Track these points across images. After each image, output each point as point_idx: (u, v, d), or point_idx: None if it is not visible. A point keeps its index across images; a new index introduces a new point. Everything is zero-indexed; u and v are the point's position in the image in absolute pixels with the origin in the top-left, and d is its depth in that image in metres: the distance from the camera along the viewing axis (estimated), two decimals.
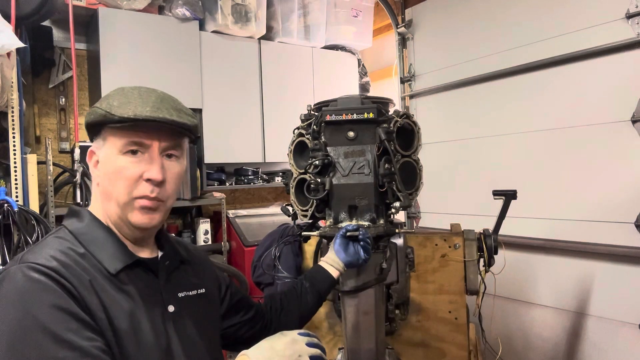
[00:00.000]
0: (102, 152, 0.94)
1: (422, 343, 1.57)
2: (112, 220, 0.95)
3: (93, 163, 0.96)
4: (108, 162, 0.92)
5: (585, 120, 2.10)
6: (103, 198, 0.95)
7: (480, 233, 1.56)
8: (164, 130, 0.93)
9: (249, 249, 3.17)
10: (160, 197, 0.93)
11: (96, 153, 0.95)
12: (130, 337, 0.85)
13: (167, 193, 0.95)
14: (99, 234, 0.93)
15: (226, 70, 3.41)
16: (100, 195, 0.96)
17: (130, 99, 0.91)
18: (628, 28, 1.93)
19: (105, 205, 0.94)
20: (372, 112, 1.13)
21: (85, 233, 0.92)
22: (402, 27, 3.09)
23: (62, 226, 0.94)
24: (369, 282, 1.17)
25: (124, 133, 0.91)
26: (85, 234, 0.92)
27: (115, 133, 0.91)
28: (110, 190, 0.92)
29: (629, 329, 1.93)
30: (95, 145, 0.95)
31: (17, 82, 2.37)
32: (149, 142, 0.92)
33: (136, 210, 0.92)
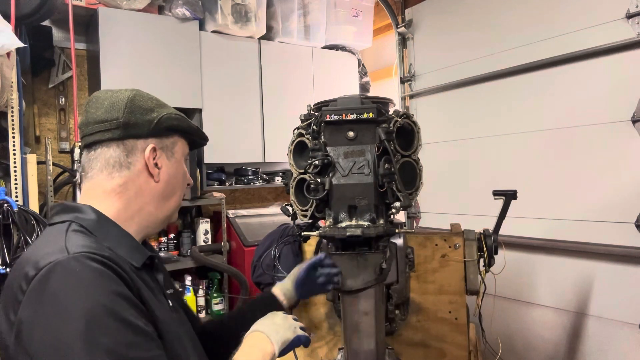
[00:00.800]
0: (169, 153, 0.99)
1: (422, 343, 1.57)
2: (149, 215, 0.97)
3: (151, 160, 0.95)
4: (177, 165, 1.01)
5: (585, 120, 2.10)
6: (159, 196, 0.97)
7: (480, 233, 1.56)
8: None
9: (249, 249, 3.17)
10: None
11: (157, 152, 0.97)
12: (165, 327, 0.87)
13: None
14: (112, 230, 0.91)
15: (226, 70, 3.41)
16: (155, 193, 0.96)
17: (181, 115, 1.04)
18: (628, 28, 1.93)
19: (157, 203, 0.97)
20: (372, 112, 1.13)
21: (98, 228, 0.89)
22: (402, 27, 3.09)
23: (69, 221, 0.88)
24: (369, 282, 1.17)
25: (187, 143, 1.05)
26: (99, 229, 0.89)
27: (186, 142, 1.04)
28: (176, 189, 1.01)
29: (629, 329, 1.93)
30: (159, 144, 0.97)
31: (17, 82, 2.37)
32: None
33: (178, 209, 1.05)
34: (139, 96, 0.97)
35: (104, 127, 0.93)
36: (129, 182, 0.94)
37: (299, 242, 1.66)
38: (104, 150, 0.94)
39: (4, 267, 2.15)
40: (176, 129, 1.00)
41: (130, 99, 0.95)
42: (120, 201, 0.93)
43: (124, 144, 0.94)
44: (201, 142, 1.10)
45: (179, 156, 1.02)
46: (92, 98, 0.98)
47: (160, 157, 0.97)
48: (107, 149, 0.94)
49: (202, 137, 1.09)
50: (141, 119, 0.94)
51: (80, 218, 0.89)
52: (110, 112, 0.93)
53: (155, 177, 0.96)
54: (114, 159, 0.94)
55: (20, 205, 2.29)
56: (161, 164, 0.97)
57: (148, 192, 0.96)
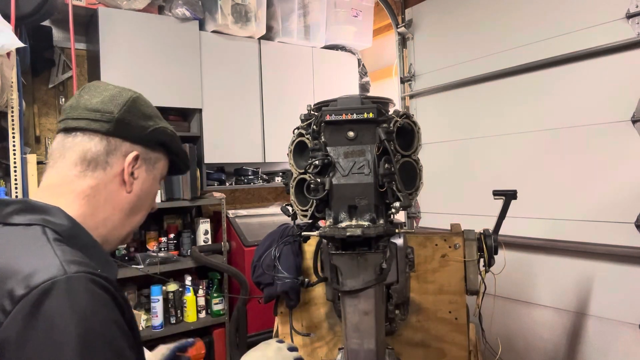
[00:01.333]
0: (150, 167, 0.92)
1: (422, 343, 1.57)
2: (113, 228, 0.88)
3: (130, 167, 0.87)
4: (153, 182, 0.94)
5: (585, 120, 2.10)
6: (127, 209, 0.89)
7: (480, 233, 1.56)
8: None
9: (249, 249, 3.17)
10: None
11: (139, 162, 0.89)
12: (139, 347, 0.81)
13: None
14: (85, 240, 0.81)
15: (226, 70, 3.42)
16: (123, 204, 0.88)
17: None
18: (628, 28, 1.93)
19: (123, 216, 0.89)
20: (372, 112, 1.13)
21: (72, 237, 0.78)
22: (402, 27, 3.09)
23: (40, 225, 0.76)
24: (369, 282, 1.17)
25: (167, 165, 0.98)
26: (75, 238, 0.79)
27: (167, 161, 0.97)
28: (143, 207, 0.93)
29: (629, 329, 1.93)
30: (144, 155, 0.90)
31: (17, 82, 2.37)
32: None
33: (135, 229, 0.96)
34: (142, 100, 0.92)
35: (95, 116, 0.84)
36: (100, 185, 0.85)
37: (299, 242, 1.66)
38: (84, 140, 0.84)
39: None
40: (166, 145, 0.94)
41: (133, 99, 0.89)
42: (87, 206, 0.83)
43: (109, 140, 0.85)
44: (183, 168, 1.03)
45: (158, 173, 0.95)
46: (91, 84, 0.90)
47: (140, 167, 0.90)
48: (89, 140, 0.84)
49: (186, 163, 1.03)
50: (136, 122, 0.88)
51: (51, 222, 0.77)
52: (107, 104, 0.85)
53: (128, 187, 0.88)
54: (92, 153, 0.84)
55: None
56: (138, 174, 0.89)
57: (117, 201, 0.87)
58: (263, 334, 3.09)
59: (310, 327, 1.65)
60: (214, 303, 3.19)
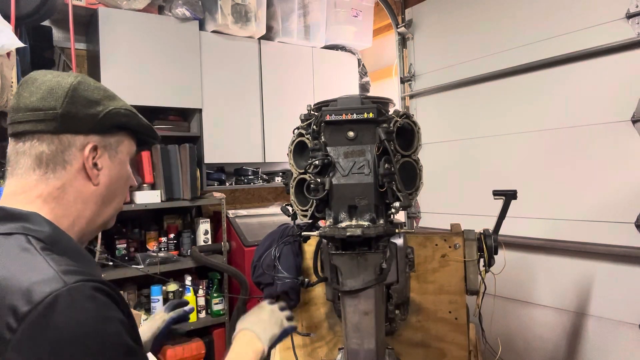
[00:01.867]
0: (112, 152, 0.87)
1: (422, 343, 1.57)
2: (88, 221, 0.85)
3: (90, 160, 0.82)
4: (121, 166, 0.89)
5: (585, 120, 2.10)
6: (99, 200, 0.85)
7: (480, 233, 1.56)
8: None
9: (249, 249, 3.17)
10: None
11: (99, 151, 0.84)
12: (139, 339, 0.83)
13: None
14: (68, 244, 0.80)
15: (226, 70, 3.42)
16: (94, 197, 0.84)
17: (125, 103, 0.90)
18: (628, 28, 1.93)
19: (96, 208, 0.85)
20: (372, 112, 1.13)
21: (57, 242, 0.77)
22: (402, 27, 3.09)
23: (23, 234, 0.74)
24: (369, 282, 1.17)
25: (134, 141, 0.92)
26: (58, 243, 0.77)
27: (132, 139, 0.91)
28: (117, 193, 0.89)
29: (629, 329, 1.93)
30: (101, 142, 0.84)
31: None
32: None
33: (117, 213, 0.92)
34: (85, 84, 0.83)
35: (38, 116, 0.79)
36: (66, 184, 0.81)
37: (299, 242, 1.66)
38: (34, 144, 0.79)
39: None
40: (124, 126, 0.88)
41: (74, 87, 0.81)
42: (59, 208, 0.80)
43: (60, 138, 0.80)
44: (152, 141, 0.97)
45: (124, 156, 0.89)
46: (27, 79, 0.83)
47: (102, 156, 0.84)
48: (39, 143, 0.79)
49: (153, 136, 0.95)
50: (83, 111, 0.81)
51: (32, 230, 0.75)
52: (47, 99, 0.79)
53: (94, 180, 0.84)
54: (46, 155, 0.79)
55: None
56: (102, 164, 0.84)
57: (87, 195, 0.83)
58: None
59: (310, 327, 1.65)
60: (214, 303, 3.19)
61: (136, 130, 0.91)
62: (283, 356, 1.64)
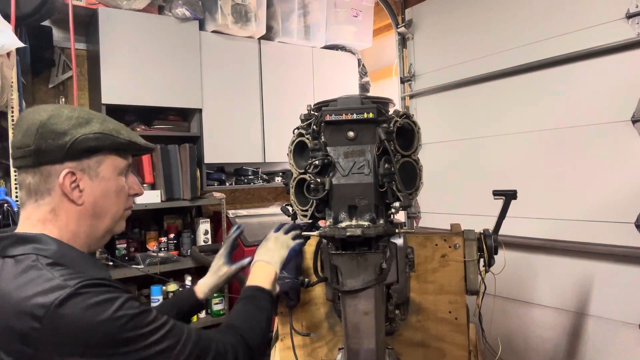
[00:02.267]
0: (93, 174, 0.95)
1: (422, 343, 1.57)
2: (91, 236, 0.98)
3: (69, 185, 0.92)
4: (106, 182, 0.97)
5: (585, 120, 2.10)
6: (88, 217, 0.96)
7: (480, 233, 1.56)
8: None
9: (249, 249, 3.17)
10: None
11: (79, 175, 0.94)
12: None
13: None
14: (74, 255, 0.93)
15: (226, 70, 3.42)
16: (82, 215, 0.95)
17: (115, 125, 1.00)
18: (628, 28, 1.93)
19: (89, 222, 0.96)
20: (372, 112, 1.13)
21: (62, 256, 0.90)
22: (402, 27, 3.09)
23: (33, 254, 0.88)
24: (369, 282, 1.17)
25: (126, 157, 1.02)
26: (64, 257, 0.90)
27: (118, 156, 0.99)
28: (108, 208, 0.99)
29: (629, 329, 1.93)
30: (79, 167, 0.93)
31: (17, 82, 2.37)
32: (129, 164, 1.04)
33: (122, 220, 1.04)
34: (55, 117, 0.92)
35: (21, 153, 0.92)
36: (56, 208, 0.93)
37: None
38: (23, 176, 0.94)
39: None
40: (95, 149, 0.95)
41: (43, 123, 0.91)
42: (56, 228, 0.94)
43: (40, 171, 0.92)
44: (138, 154, 1.06)
45: (108, 174, 0.98)
46: (18, 118, 0.99)
47: (82, 179, 0.94)
48: (26, 175, 0.93)
49: (137, 148, 1.03)
50: (52, 144, 0.90)
51: (41, 249, 0.89)
52: (25, 137, 0.91)
53: (77, 201, 0.94)
54: (33, 185, 0.93)
55: None
56: (83, 185, 0.94)
57: (77, 215, 0.95)
58: None
59: (310, 327, 1.65)
60: (214, 303, 3.19)
61: (113, 149, 0.98)
62: (283, 356, 1.64)
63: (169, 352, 0.88)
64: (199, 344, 0.94)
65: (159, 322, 0.89)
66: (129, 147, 1.01)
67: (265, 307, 1.17)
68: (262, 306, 1.17)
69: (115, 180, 0.99)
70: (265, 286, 1.21)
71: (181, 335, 0.92)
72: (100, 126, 0.96)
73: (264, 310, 1.16)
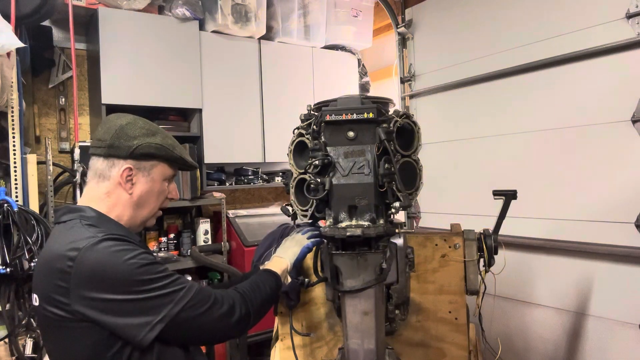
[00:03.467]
0: (146, 174, 1.23)
1: (422, 343, 1.57)
2: (133, 221, 1.25)
3: (125, 177, 1.20)
4: (153, 183, 1.25)
5: (585, 120, 2.10)
6: (130, 206, 1.23)
7: (480, 233, 1.56)
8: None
9: (249, 249, 3.17)
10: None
11: (134, 172, 1.22)
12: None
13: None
14: (110, 223, 1.19)
15: (226, 70, 3.41)
16: (129, 202, 1.22)
17: (178, 145, 1.29)
18: (628, 28, 1.93)
19: (131, 210, 1.23)
20: (372, 112, 1.13)
21: (100, 222, 1.16)
22: (402, 27, 3.09)
23: (77, 219, 1.15)
24: (369, 282, 1.17)
25: (174, 169, 1.29)
26: (101, 223, 1.16)
27: (169, 167, 1.27)
28: (149, 202, 1.26)
29: (629, 329, 1.93)
30: (137, 166, 1.22)
31: (17, 82, 2.37)
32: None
33: (155, 216, 1.31)
34: (132, 125, 1.21)
35: (99, 144, 1.21)
36: (110, 191, 1.21)
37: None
38: (94, 160, 1.23)
39: (4, 267, 2.15)
40: (153, 156, 1.23)
41: (122, 127, 1.20)
42: (105, 206, 1.21)
43: (108, 160, 1.21)
44: (185, 168, 1.35)
45: (157, 177, 1.25)
46: (105, 119, 1.27)
47: (136, 175, 1.22)
48: (97, 160, 1.22)
49: (184, 164, 1.30)
50: (123, 144, 1.19)
51: (84, 216, 1.17)
52: (105, 133, 1.21)
53: (128, 191, 1.21)
54: (99, 170, 1.21)
55: (20, 205, 2.29)
56: (136, 180, 1.22)
57: (124, 201, 1.22)
58: (263, 334, 3.09)
59: (310, 327, 1.65)
60: None
61: (166, 159, 1.25)
62: (283, 356, 1.64)
63: (173, 295, 1.09)
64: (200, 293, 1.13)
65: (166, 273, 1.11)
66: (179, 161, 1.28)
67: (270, 282, 1.30)
68: (267, 282, 1.30)
69: (160, 183, 1.26)
70: (275, 270, 1.34)
71: (185, 284, 1.12)
72: (161, 140, 1.24)
73: (268, 286, 1.29)
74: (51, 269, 1.08)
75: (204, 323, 1.13)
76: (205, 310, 1.12)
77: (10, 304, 2.26)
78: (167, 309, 1.08)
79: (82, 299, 1.05)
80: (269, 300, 1.29)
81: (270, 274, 1.32)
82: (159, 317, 1.07)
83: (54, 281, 1.07)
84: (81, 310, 1.05)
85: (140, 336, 1.06)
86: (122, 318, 1.06)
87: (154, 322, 1.07)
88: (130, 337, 1.07)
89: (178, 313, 1.08)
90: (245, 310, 1.19)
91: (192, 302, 1.11)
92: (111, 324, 1.05)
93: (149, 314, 1.07)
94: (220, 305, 1.15)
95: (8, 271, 2.15)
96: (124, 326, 1.06)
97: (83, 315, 1.05)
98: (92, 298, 1.05)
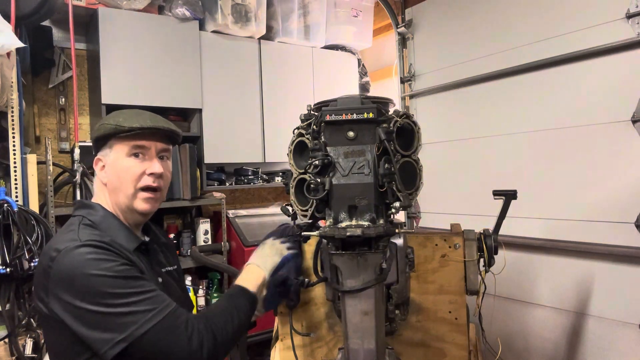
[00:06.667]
0: (109, 158, 1.24)
1: (422, 343, 1.57)
2: (121, 209, 1.25)
3: (99, 168, 1.26)
4: (116, 164, 1.23)
5: (585, 120, 2.10)
6: (111, 193, 1.25)
7: (480, 233, 1.56)
8: (159, 136, 1.26)
9: (249, 249, 3.17)
10: (159, 186, 1.27)
11: (102, 159, 1.25)
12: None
13: (163, 184, 1.29)
14: (113, 223, 1.22)
15: (226, 70, 3.42)
16: (108, 191, 1.25)
17: (131, 115, 1.24)
18: (628, 28, 1.93)
19: (114, 197, 1.24)
20: (372, 112, 1.13)
21: (102, 222, 1.20)
22: (402, 27, 3.09)
23: (80, 216, 1.19)
24: (369, 282, 1.17)
25: (129, 141, 1.22)
26: (102, 223, 1.20)
27: (122, 141, 1.22)
28: (119, 185, 1.23)
29: (629, 329, 1.93)
30: (102, 154, 1.25)
31: (17, 82, 2.37)
32: (149, 145, 1.24)
33: (140, 199, 1.25)
34: (102, 121, 1.25)
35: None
36: (98, 185, 1.29)
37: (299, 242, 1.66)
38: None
39: (4, 267, 2.15)
40: (102, 138, 1.24)
41: (98, 127, 1.25)
42: (104, 198, 1.27)
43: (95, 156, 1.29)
44: (135, 131, 1.21)
45: (116, 155, 1.24)
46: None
47: (105, 163, 1.25)
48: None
49: (129, 130, 1.21)
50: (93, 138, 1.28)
51: (91, 214, 1.21)
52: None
53: (103, 180, 1.27)
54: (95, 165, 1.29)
55: (20, 205, 2.29)
56: (106, 168, 1.26)
57: (105, 190, 1.27)
58: (263, 334, 3.09)
59: (310, 327, 1.65)
60: None
61: (111, 135, 1.22)
62: (283, 356, 1.64)
63: (141, 315, 1.04)
64: (171, 319, 1.07)
65: (142, 289, 1.07)
66: (126, 130, 1.21)
67: (243, 307, 1.22)
68: (241, 306, 1.22)
69: (123, 160, 1.23)
70: (250, 288, 1.24)
71: (158, 305, 1.07)
72: (111, 119, 1.23)
73: (241, 310, 1.21)
74: (40, 264, 1.13)
75: (170, 352, 1.05)
76: (172, 339, 1.05)
77: (10, 304, 2.26)
78: (131, 329, 1.03)
79: (58, 300, 1.06)
80: (242, 329, 1.23)
81: (246, 298, 1.24)
82: (122, 335, 1.03)
83: (39, 277, 1.11)
84: (56, 310, 1.06)
85: (102, 351, 1.03)
86: (88, 329, 1.04)
87: (116, 340, 1.02)
88: (94, 349, 1.05)
89: (143, 335, 1.03)
90: (214, 346, 1.11)
91: (160, 326, 1.04)
92: (80, 333, 1.05)
93: (114, 330, 1.03)
94: (188, 338, 1.07)
95: (8, 271, 2.15)
96: (88, 337, 1.04)
97: (58, 316, 1.06)
98: (66, 301, 1.05)
